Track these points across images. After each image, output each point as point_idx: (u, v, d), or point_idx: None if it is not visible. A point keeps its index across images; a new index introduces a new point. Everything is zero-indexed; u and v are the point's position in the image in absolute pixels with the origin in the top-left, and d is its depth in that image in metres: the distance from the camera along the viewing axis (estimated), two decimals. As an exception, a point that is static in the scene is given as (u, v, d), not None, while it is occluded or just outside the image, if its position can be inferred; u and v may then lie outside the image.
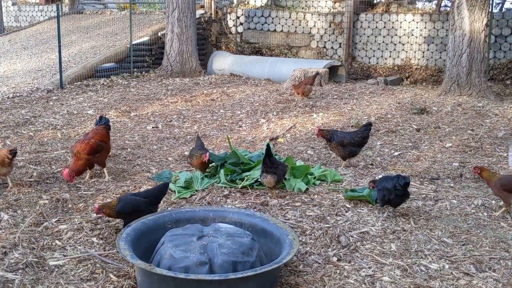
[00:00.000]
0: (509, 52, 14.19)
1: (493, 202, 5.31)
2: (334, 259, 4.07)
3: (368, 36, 15.72)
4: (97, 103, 10.44)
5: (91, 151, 5.77)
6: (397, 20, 15.30)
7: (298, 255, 4.12)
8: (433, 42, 14.88)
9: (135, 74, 14.02)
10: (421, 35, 15.02)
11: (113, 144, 7.48)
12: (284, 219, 4.78)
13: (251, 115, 9.49)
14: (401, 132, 8.25)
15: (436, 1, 16.67)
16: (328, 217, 4.86)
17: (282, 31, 16.84)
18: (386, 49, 15.53)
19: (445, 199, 5.39)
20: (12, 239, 4.26)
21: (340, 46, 15.95)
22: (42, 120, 8.90)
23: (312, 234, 4.49)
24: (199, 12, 16.99)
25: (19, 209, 4.95)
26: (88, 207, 5.05)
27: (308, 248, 4.26)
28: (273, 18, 16.95)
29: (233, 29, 17.55)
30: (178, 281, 3.33)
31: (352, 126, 8.45)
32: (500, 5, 18.82)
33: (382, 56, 15.58)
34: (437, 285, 3.73)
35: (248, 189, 5.57)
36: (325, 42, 16.24)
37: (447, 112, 9.66)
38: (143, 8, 22.22)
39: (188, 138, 7.98)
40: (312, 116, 9.24)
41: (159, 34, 15.45)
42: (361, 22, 15.78)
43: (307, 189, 5.56)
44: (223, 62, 15.46)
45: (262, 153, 6.14)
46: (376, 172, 6.26)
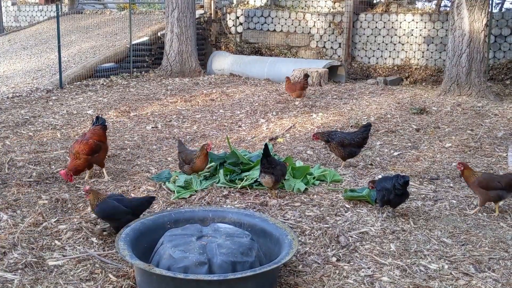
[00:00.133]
0: (509, 52, 14.19)
1: (492, 202, 5.31)
2: (334, 259, 4.08)
3: (368, 36, 15.72)
4: (97, 103, 10.44)
5: (90, 151, 5.79)
6: (397, 20, 15.30)
7: (297, 255, 4.12)
8: (433, 42, 14.88)
9: (135, 74, 14.01)
10: (421, 35, 15.02)
11: (113, 144, 7.48)
12: (284, 219, 4.78)
13: (251, 115, 9.49)
14: (401, 132, 8.25)
15: (436, 1, 16.66)
16: (328, 217, 4.86)
17: (282, 31, 16.84)
18: (386, 49, 15.52)
19: (445, 199, 5.40)
20: (12, 239, 4.26)
21: (340, 46, 15.95)
22: (42, 120, 8.89)
23: (312, 234, 4.49)
24: (199, 12, 16.98)
25: (19, 209, 4.96)
26: (88, 207, 5.05)
27: (308, 248, 4.26)
28: (273, 18, 16.94)
29: (233, 29, 17.55)
30: (177, 281, 3.33)
31: (352, 126, 8.45)
32: (500, 5, 18.82)
33: (382, 56, 15.58)
34: (437, 285, 3.73)
35: (248, 189, 5.57)
36: (325, 42, 16.24)
37: (447, 112, 9.66)
38: (143, 8, 22.22)
39: (188, 138, 7.98)
40: (312, 116, 9.24)
41: (159, 34, 15.45)
42: (361, 22, 15.77)
43: (307, 189, 5.57)
44: (223, 62, 15.46)
45: (261, 153, 6.15)
46: (376, 172, 6.26)
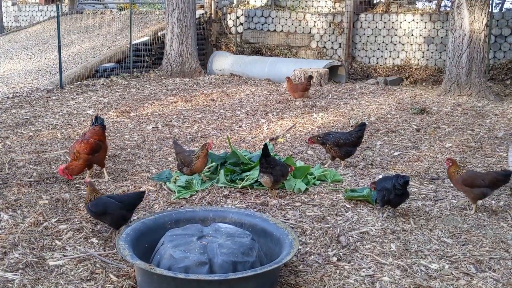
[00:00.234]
0: (509, 52, 14.19)
1: (493, 202, 5.32)
2: (334, 259, 4.08)
3: (368, 36, 15.72)
4: (97, 103, 10.44)
5: (91, 151, 5.80)
6: (397, 20, 15.30)
7: (298, 255, 4.12)
8: (433, 42, 14.87)
9: (135, 74, 14.02)
10: (421, 35, 15.02)
11: (113, 144, 7.49)
12: (284, 219, 4.78)
13: (251, 115, 9.49)
14: (401, 132, 8.25)
15: (436, 1, 16.66)
16: (328, 217, 4.86)
17: (282, 31, 16.84)
18: (386, 49, 15.52)
19: (445, 199, 5.40)
20: (12, 239, 4.26)
21: (340, 46, 15.95)
22: (42, 120, 8.89)
23: (312, 234, 4.49)
24: (199, 12, 16.98)
25: (19, 209, 4.96)
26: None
27: (308, 248, 4.26)
28: (273, 18, 16.94)
29: (233, 29, 17.55)
30: (178, 281, 3.33)
31: (352, 126, 8.44)
32: (500, 5, 18.81)
33: (382, 56, 15.58)
34: (437, 285, 3.73)
35: (248, 189, 5.57)
36: (325, 42, 16.24)
37: (447, 112, 9.66)
38: (143, 8, 22.22)
39: (188, 138, 7.98)
40: (312, 116, 9.24)
41: (159, 34, 15.44)
42: (361, 22, 15.77)
43: (307, 189, 5.57)
44: (223, 62, 15.46)
45: (261, 153, 6.15)
46: (376, 172, 6.26)
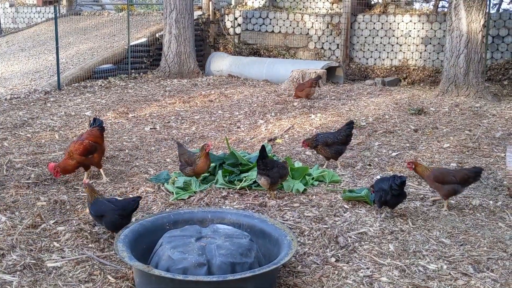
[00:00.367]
0: (506, 53, 14.22)
1: (491, 203, 5.32)
2: (333, 260, 4.08)
3: (366, 37, 15.74)
4: (95, 105, 10.43)
5: (84, 151, 5.77)
6: (395, 21, 15.32)
7: (297, 256, 4.12)
8: (431, 43, 14.90)
9: (133, 75, 14.00)
10: (419, 36, 15.04)
11: (111, 146, 7.48)
12: (283, 220, 4.78)
13: (249, 116, 9.49)
14: (399, 133, 8.26)
15: (434, 2, 16.69)
16: (326, 218, 4.86)
17: (280, 32, 16.85)
18: (384, 50, 15.54)
19: (443, 199, 5.40)
20: (10, 241, 4.25)
21: (338, 47, 15.97)
22: (40, 122, 8.88)
23: (311, 235, 4.49)
24: (197, 13, 16.97)
25: (17, 211, 4.95)
26: (86, 209, 5.05)
27: (307, 249, 4.26)
28: (271, 19, 16.95)
29: (231, 30, 17.55)
30: (177, 283, 3.32)
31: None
32: (497, 6, 18.84)
33: (380, 57, 15.60)
34: (435, 286, 3.73)
35: (247, 190, 5.57)
36: (323, 43, 16.26)
37: (445, 113, 9.67)
38: (141, 9, 22.22)
39: (187, 139, 7.98)
40: (310, 117, 9.25)
41: (157, 35, 15.43)
42: (359, 23, 15.79)
43: (305, 190, 5.57)
44: (221, 63, 15.46)
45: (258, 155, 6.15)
46: (374, 173, 6.27)
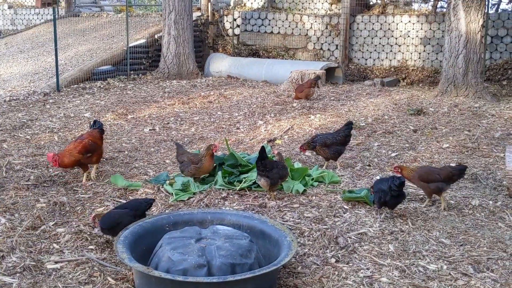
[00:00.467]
0: (505, 53, 14.23)
1: (490, 203, 5.33)
2: (333, 261, 4.08)
3: (365, 38, 15.74)
4: (94, 106, 10.43)
5: (83, 149, 5.80)
6: (393, 22, 15.32)
7: (297, 257, 4.12)
8: (429, 43, 14.91)
9: (132, 77, 14.00)
10: (417, 36, 15.05)
11: (110, 147, 7.48)
12: (282, 221, 4.78)
13: (249, 117, 9.49)
14: (398, 133, 8.26)
15: (432, 3, 16.71)
16: (326, 219, 4.86)
17: (279, 33, 16.86)
18: (383, 51, 15.55)
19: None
20: (10, 243, 4.25)
21: (337, 48, 15.97)
22: (39, 123, 8.88)
23: (310, 236, 4.49)
24: (196, 14, 16.97)
25: (17, 213, 4.94)
26: (86, 210, 5.05)
27: (306, 250, 4.26)
28: (270, 20, 16.96)
29: (230, 31, 17.56)
30: (176, 284, 3.32)
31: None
32: (496, 6, 18.84)
33: (379, 58, 15.61)
34: (435, 286, 3.74)
35: (246, 191, 5.57)
36: (322, 44, 16.26)
37: (444, 113, 9.68)
38: (140, 11, 22.23)
39: (186, 141, 7.98)
40: (310, 118, 9.25)
41: (156, 37, 15.43)
42: (358, 24, 15.80)
43: (305, 191, 5.57)
44: (220, 64, 15.46)
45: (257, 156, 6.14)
46: (374, 173, 6.27)
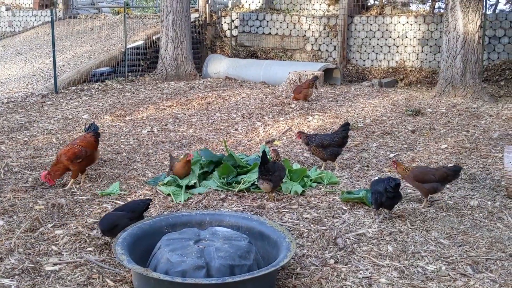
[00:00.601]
0: (503, 53, 14.26)
1: (489, 203, 5.33)
2: (331, 261, 4.08)
3: (363, 39, 15.76)
4: (92, 108, 10.42)
5: (72, 156, 5.66)
6: (391, 23, 15.34)
7: (295, 258, 4.11)
8: (427, 44, 14.93)
9: (130, 78, 13.99)
10: (415, 37, 15.07)
11: (108, 149, 7.47)
12: (281, 222, 4.78)
13: (247, 118, 9.49)
14: (396, 134, 8.27)
15: (430, 3, 16.74)
16: (325, 219, 4.86)
17: (277, 34, 16.87)
18: (381, 51, 15.57)
19: (441, 200, 5.41)
20: (8, 245, 4.24)
21: (335, 49, 15.99)
22: (37, 125, 8.87)
23: (309, 237, 4.49)
24: (194, 16, 16.98)
25: (15, 215, 4.93)
26: (84, 212, 5.04)
27: (305, 251, 4.26)
28: (268, 21, 16.97)
29: (228, 33, 17.56)
30: (175, 286, 3.32)
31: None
32: (494, 7, 18.87)
33: (377, 59, 15.63)
34: (434, 286, 3.74)
35: (245, 192, 5.56)
36: (320, 45, 16.28)
37: (442, 114, 9.68)
38: (138, 12, 22.21)
39: (184, 142, 7.97)
40: (308, 119, 9.25)
41: (154, 38, 15.43)
42: (356, 25, 15.82)
43: (304, 192, 5.57)
44: (218, 66, 15.46)
45: (259, 156, 6.14)
46: (372, 174, 6.27)
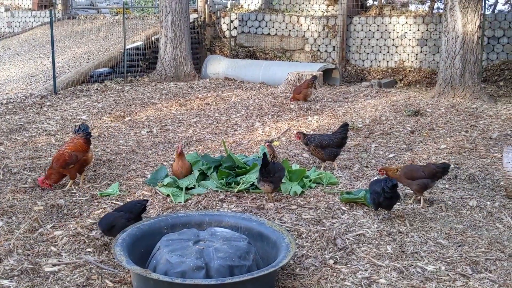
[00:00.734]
0: (502, 54, 14.27)
1: (488, 204, 5.33)
2: (331, 262, 4.07)
3: (362, 39, 15.77)
4: (91, 108, 10.41)
5: (63, 164, 5.63)
6: (390, 23, 15.35)
7: (295, 258, 4.11)
8: (426, 44, 14.94)
9: (129, 79, 13.99)
10: (414, 38, 15.08)
11: (107, 149, 7.46)
12: (280, 223, 4.78)
13: (246, 119, 9.48)
14: (396, 134, 8.27)
15: (429, 4, 16.75)
16: (324, 220, 4.86)
17: (276, 35, 16.87)
18: (380, 52, 15.57)
19: (440, 201, 5.41)
20: (7, 246, 4.23)
21: (334, 49, 15.99)
22: (36, 126, 8.86)
23: (309, 237, 4.49)
24: (193, 16, 16.98)
25: (14, 216, 4.93)
26: (83, 213, 5.04)
27: (305, 251, 4.26)
28: (267, 22, 16.97)
29: (227, 33, 17.56)
30: (175, 286, 3.32)
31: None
32: (493, 7, 18.90)
33: (376, 59, 15.63)
34: (434, 287, 3.74)
35: (244, 193, 5.56)
36: (319, 45, 16.28)
37: (441, 114, 9.69)
38: (137, 13, 22.21)
39: (184, 143, 7.97)
40: (307, 119, 9.25)
41: (153, 39, 15.43)
42: (355, 25, 15.82)
43: (303, 192, 5.57)
44: (218, 66, 15.46)
45: (258, 157, 6.15)
46: (371, 175, 6.27)
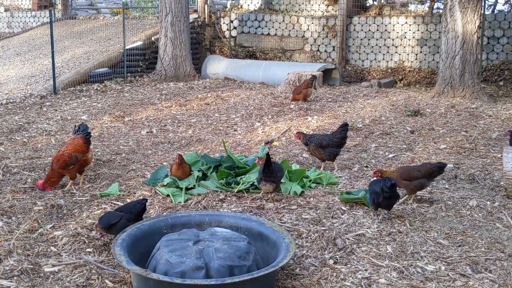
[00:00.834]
0: (502, 54, 14.27)
1: (488, 203, 5.34)
2: (331, 262, 4.07)
3: (362, 39, 15.77)
4: (91, 108, 10.41)
5: (63, 165, 5.65)
6: (390, 23, 15.35)
7: (295, 258, 4.11)
8: (426, 44, 14.94)
9: (129, 79, 13.99)
10: (414, 38, 15.08)
11: (107, 149, 7.46)
12: (280, 223, 4.78)
13: (246, 119, 9.48)
14: (395, 134, 8.27)
15: (429, 4, 16.75)
16: (324, 220, 4.86)
17: (276, 35, 16.87)
18: (380, 52, 15.57)
19: (440, 201, 5.41)
20: (7, 246, 4.23)
21: (334, 49, 15.99)
22: (36, 126, 8.86)
23: (309, 237, 4.49)
24: (193, 17, 16.98)
25: (14, 216, 4.93)
26: (83, 213, 5.03)
27: (305, 251, 4.26)
28: (267, 22, 16.97)
29: (227, 33, 17.56)
30: (175, 286, 3.32)
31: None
32: (492, 7, 18.89)
33: (376, 59, 15.63)
34: (434, 287, 3.74)
35: (244, 193, 5.56)
36: (319, 46, 16.28)
37: (441, 114, 9.69)
38: (136, 13, 22.22)
39: (183, 143, 7.97)
40: (307, 119, 9.25)
41: (153, 39, 15.43)
42: (354, 25, 15.82)
43: (303, 192, 5.57)
44: (217, 66, 15.46)
45: (258, 157, 6.14)
46: (371, 175, 6.27)
